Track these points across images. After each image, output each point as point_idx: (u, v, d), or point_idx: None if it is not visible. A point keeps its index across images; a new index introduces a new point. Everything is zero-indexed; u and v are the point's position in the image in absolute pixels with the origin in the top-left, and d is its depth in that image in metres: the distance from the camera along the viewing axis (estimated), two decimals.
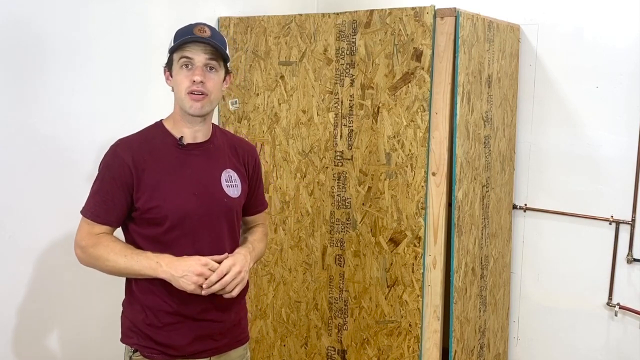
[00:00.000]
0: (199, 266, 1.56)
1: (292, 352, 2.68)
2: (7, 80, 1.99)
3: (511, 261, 3.00)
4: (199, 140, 1.71)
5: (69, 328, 2.26)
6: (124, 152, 1.63)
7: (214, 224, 1.70)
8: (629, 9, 2.60)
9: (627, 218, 2.69)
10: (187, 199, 1.65)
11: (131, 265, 1.59)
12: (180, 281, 1.56)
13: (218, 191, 1.71)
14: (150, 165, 1.63)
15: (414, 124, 2.25)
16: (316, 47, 2.44)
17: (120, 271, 1.62)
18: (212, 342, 1.73)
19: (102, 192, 1.63)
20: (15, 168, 2.04)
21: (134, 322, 1.69)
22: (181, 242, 1.65)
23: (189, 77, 1.62)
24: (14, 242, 2.05)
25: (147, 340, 1.68)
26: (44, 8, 2.06)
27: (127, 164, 1.61)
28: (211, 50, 1.63)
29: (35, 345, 2.15)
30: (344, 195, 2.44)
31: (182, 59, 1.62)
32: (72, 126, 2.19)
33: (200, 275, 1.56)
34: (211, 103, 1.66)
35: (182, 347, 1.68)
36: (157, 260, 1.58)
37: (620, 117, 2.66)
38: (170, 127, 1.70)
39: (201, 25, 1.64)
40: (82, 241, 1.63)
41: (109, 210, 1.63)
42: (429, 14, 2.17)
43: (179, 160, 1.67)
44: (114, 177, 1.61)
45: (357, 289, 2.46)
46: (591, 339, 2.83)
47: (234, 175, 1.76)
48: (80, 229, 1.66)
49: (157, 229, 1.64)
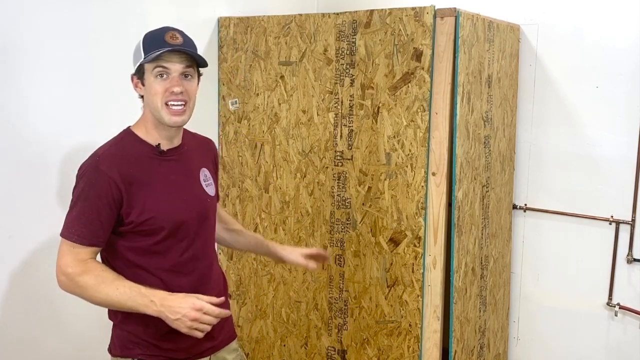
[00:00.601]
0: (194, 312, 1.49)
1: (292, 352, 2.68)
2: (7, 80, 1.99)
3: (511, 261, 3.00)
4: (174, 145, 1.69)
5: (69, 328, 2.26)
6: (108, 167, 1.54)
7: (203, 226, 1.70)
8: (629, 9, 2.60)
9: (627, 218, 2.69)
10: (178, 205, 1.64)
11: (124, 300, 1.50)
12: (174, 324, 1.50)
13: (201, 193, 1.72)
14: (136, 177, 1.57)
15: (414, 124, 2.25)
16: (316, 47, 2.44)
17: (109, 304, 1.55)
18: (211, 341, 1.74)
19: (88, 212, 1.53)
20: (15, 168, 2.04)
21: (134, 334, 1.65)
22: (175, 248, 1.63)
23: (165, 87, 1.57)
24: (14, 242, 2.05)
25: (151, 349, 1.65)
26: (44, 8, 2.06)
27: (114, 180, 1.53)
28: (187, 58, 1.59)
29: (35, 345, 2.15)
30: (344, 195, 2.44)
31: (158, 69, 1.57)
32: (72, 126, 2.19)
33: (195, 320, 1.50)
34: (190, 111, 1.63)
35: (185, 350, 1.68)
36: (151, 298, 1.50)
37: (620, 117, 2.66)
38: (143, 134, 1.64)
39: (171, 31, 1.59)
40: (68, 268, 1.52)
41: (96, 231, 1.54)
42: (429, 14, 2.17)
43: (161, 168, 1.63)
44: (100, 195, 1.52)
45: (357, 289, 2.46)
46: (591, 339, 2.83)
47: (207, 173, 1.78)
48: (63, 254, 1.54)
49: (150, 239, 1.60)
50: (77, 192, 1.56)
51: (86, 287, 1.51)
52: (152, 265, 1.62)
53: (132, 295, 1.50)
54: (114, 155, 1.58)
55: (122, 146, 1.62)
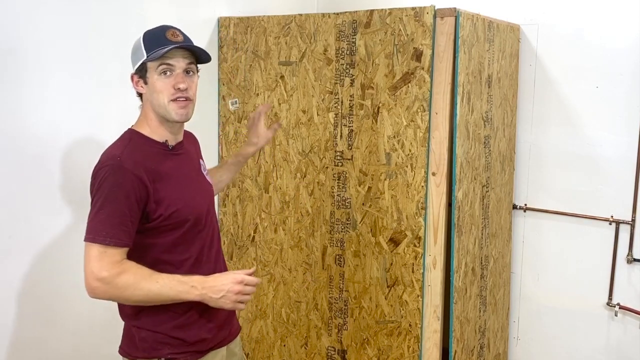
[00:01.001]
0: (237, 285, 1.57)
1: (292, 352, 2.68)
2: (6, 81, 1.99)
3: (511, 261, 3.00)
4: (178, 141, 1.73)
5: (69, 328, 2.26)
6: (133, 166, 1.55)
7: (210, 214, 1.78)
8: (629, 9, 2.60)
9: (627, 218, 2.69)
10: (195, 196, 1.70)
11: (165, 291, 1.53)
12: (219, 302, 1.56)
13: (205, 182, 1.81)
14: (159, 173, 1.60)
15: (414, 124, 2.25)
16: (316, 47, 2.44)
17: (150, 298, 1.54)
18: (227, 331, 1.80)
19: (118, 213, 1.51)
20: (15, 168, 2.03)
21: (163, 332, 1.66)
22: (196, 239, 1.69)
23: (170, 84, 1.60)
24: (14, 242, 2.05)
25: (179, 346, 1.66)
26: (44, 7, 2.06)
27: (141, 178, 1.54)
28: (189, 54, 1.63)
29: (35, 345, 2.15)
30: (344, 195, 2.44)
31: (162, 66, 1.59)
32: (72, 127, 2.19)
33: (239, 293, 1.57)
34: (194, 106, 1.68)
35: (210, 340, 1.73)
36: (191, 283, 1.55)
37: (620, 117, 2.66)
38: (148, 132, 1.66)
39: (172, 29, 1.63)
40: (104, 272, 1.48)
41: (129, 231, 1.53)
42: (429, 14, 2.17)
43: (173, 163, 1.67)
44: (128, 195, 1.52)
45: (357, 289, 2.46)
46: (591, 339, 2.83)
47: (204, 164, 1.86)
48: (94, 259, 1.50)
49: (175, 234, 1.63)
50: (101, 194, 1.53)
51: (126, 287, 1.50)
52: (176, 258, 1.64)
53: (173, 285, 1.53)
54: (133, 153, 1.59)
55: (135, 145, 1.62)
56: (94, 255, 1.50)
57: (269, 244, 2.67)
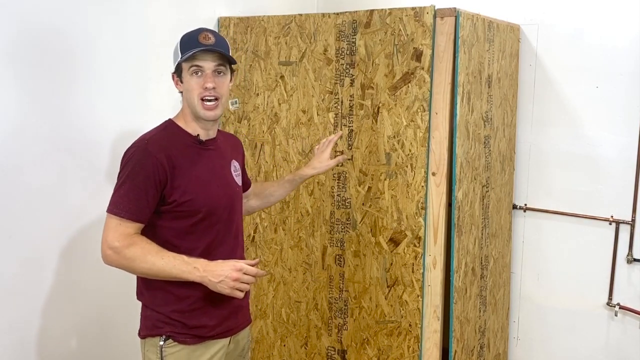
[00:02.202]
0: (235, 272, 1.62)
1: (292, 352, 2.68)
2: (8, 81, 1.99)
3: (511, 261, 3.00)
4: (210, 137, 1.82)
5: (69, 327, 2.26)
6: (157, 151, 1.67)
7: (233, 212, 1.83)
8: (628, 9, 2.60)
9: (627, 218, 2.69)
10: (214, 190, 1.77)
11: (169, 268, 1.62)
12: (218, 286, 1.62)
13: (232, 181, 1.87)
14: (179, 161, 1.70)
15: (414, 124, 2.25)
16: (316, 47, 2.44)
17: (154, 273, 1.65)
18: (233, 322, 1.84)
19: (136, 190, 1.65)
20: (15, 168, 2.04)
21: (163, 313, 1.74)
22: (209, 231, 1.75)
23: (200, 83, 1.71)
24: (14, 242, 2.05)
25: (179, 327, 1.74)
26: (44, 8, 2.06)
27: (161, 162, 1.66)
28: (218, 56, 1.73)
29: (35, 344, 2.15)
30: (344, 195, 2.44)
31: (192, 67, 1.71)
32: (72, 126, 2.19)
33: (237, 280, 1.62)
34: (222, 106, 1.77)
35: (212, 328, 1.77)
36: (194, 265, 1.63)
37: (620, 117, 2.66)
38: (183, 125, 1.78)
39: (205, 32, 1.73)
40: (116, 242, 1.63)
41: (143, 208, 1.66)
42: (429, 14, 2.17)
43: (200, 156, 1.77)
44: (148, 176, 1.65)
45: (357, 289, 2.46)
46: (591, 339, 2.83)
47: (237, 165, 1.93)
48: (110, 229, 1.65)
49: (188, 221, 1.72)
50: (125, 172, 1.67)
51: (133, 259, 1.62)
52: (185, 245, 1.71)
53: (177, 264, 1.62)
54: (161, 140, 1.72)
55: (166, 133, 1.76)
56: (111, 226, 1.65)
57: (268, 244, 2.67)
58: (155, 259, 1.62)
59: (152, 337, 1.76)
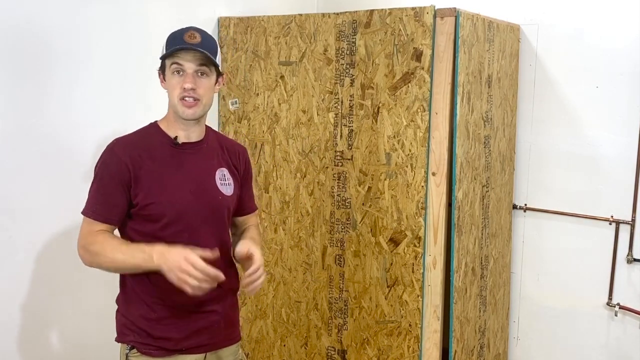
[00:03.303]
0: (184, 263, 1.52)
1: (292, 352, 2.68)
2: (6, 81, 1.99)
3: (511, 261, 3.00)
4: (192, 140, 1.75)
5: (69, 327, 2.26)
6: (121, 150, 1.66)
7: (209, 221, 1.74)
8: (628, 9, 2.60)
9: (627, 218, 2.69)
10: (183, 196, 1.69)
11: (128, 260, 1.59)
12: (169, 275, 1.53)
13: (213, 189, 1.76)
14: (146, 162, 1.66)
15: (414, 124, 2.25)
16: (316, 47, 2.44)
17: (118, 267, 1.64)
18: (208, 337, 1.76)
19: (102, 191, 1.65)
20: (15, 168, 2.04)
21: (130, 319, 1.71)
22: (177, 238, 1.65)
23: (180, 83, 1.66)
24: (14, 242, 2.05)
25: (143, 337, 1.69)
26: (44, 8, 2.06)
27: (124, 161, 1.64)
28: (200, 56, 1.65)
29: (35, 344, 2.15)
30: (344, 195, 2.44)
31: (174, 65, 1.66)
32: (72, 126, 2.19)
33: (184, 272, 1.51)
34: (203, 107, 1.70)
35: (178, 341, 1.70)
36: (150, 252, 1.57)
37: (620, 117, 2.66)
38: (165, 127, 1.74)
39: (192, 30, 1.67)
40: (82, 240, 1.65)
41: (110, 208, 1.65)
42: (429, 14, 2.17)
43: (174, 159, 1.71)
44: (112, 176, 1.64)
45: (357, 289, 2.46)
46: (591, 339, 2.83)
47: (227, 174, 1.81)
48: (81, 230, 1.67)
49: (154, 226, 1.66)
50: (95, 172, 1.68)
51: (97, 254, 1.61)
52: None
53: (135, 253, 1.59)
54: (128, 140, 1.71)
55: (140, 134, 1.74)
56: (82, 226, 1.68)
57: (269, 244, 2.67)
58: (114, 253, 1.60)
59: (122, 343, 1.74)
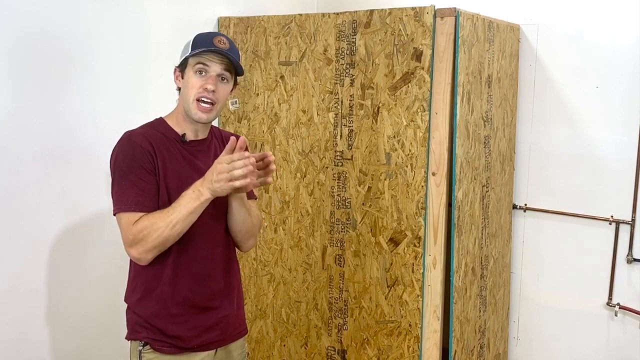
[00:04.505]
0: (219, 166, 1.54)
1: (292, 352, 2.68)
2: (6, 81, 1.99)
3: (511, 261, 3.00)
4: (199, 138, 1.78)
5: (69, 327, 2.26)
6: (142, 141, 1.66)
7: (218, 216, 1.76)
8: (628, 10, 2.60)
9: (627, 218, 2.69)
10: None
11: (182, 212, 1.57)
12: (219, 189, 1.55)
13: None
14: (161, 154, 1.68)
15: (414, 124, 2.25)
16: (316, 47, 2.44)
17: (177, 228, 1.58)
18: (218, 334, 1.78)
19: (138, 182, 1.62)
20: (15, 168, 2.04)
21: (143, 317, 1.72)
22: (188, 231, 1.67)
23: (200, 83, 1.68)
24: (14, 242, 2.05)
25: (157, 334, 1.71)
26: (44, 8, 2.06)
27: (147, 149, 1.65)
28: (227, 62, 1.70)
29: (35, 344, 2.15)
30: (344, 195, 2.44)
31: (198, 65, 1.68)
32: (72, 126, 2.19)
33: (222, 172, 1.54)
34: (216, 112, 1.73)
35: (191, 339, 1.73)
36: (194, 189, 1.58)
37: (620, 117, 2.66)
38: (173, 124, 1.75)
39: (221, 36, 1.71)
40: (129, 235, 1.59)
41: (151, 198, 1.63)
42: (429, 14, 2.17)
43: (182, 155, 1.73)
44: (142, 166, 1.63)
45: (357, 289, 2.46)
46: (591, 339, 2.83)
47: None
48: (122, 230, 1.61)
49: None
50: (117, 168, 1.64)
51: (151, 232, 1.56)
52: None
53: (183, 202, 1.57)
54: (144, 132, 1.70)
55: (151, 128, 1.73)
56: (122, 224, 1.61)
57: (268, 244, 2.67)
58: (167, 217, 1.56)
59: (133, 340, 1.74)
